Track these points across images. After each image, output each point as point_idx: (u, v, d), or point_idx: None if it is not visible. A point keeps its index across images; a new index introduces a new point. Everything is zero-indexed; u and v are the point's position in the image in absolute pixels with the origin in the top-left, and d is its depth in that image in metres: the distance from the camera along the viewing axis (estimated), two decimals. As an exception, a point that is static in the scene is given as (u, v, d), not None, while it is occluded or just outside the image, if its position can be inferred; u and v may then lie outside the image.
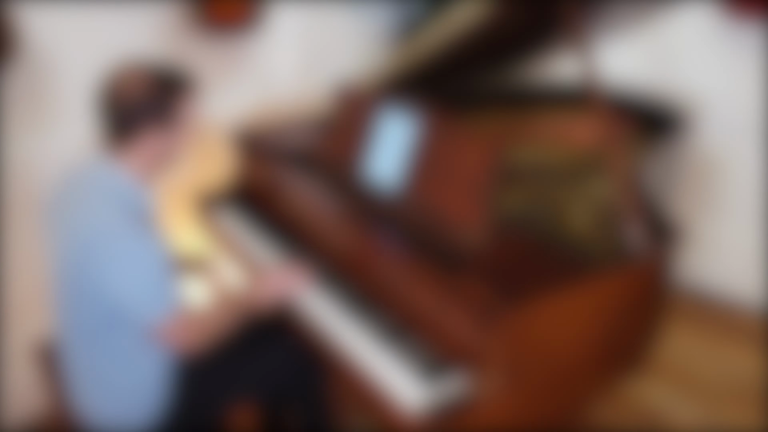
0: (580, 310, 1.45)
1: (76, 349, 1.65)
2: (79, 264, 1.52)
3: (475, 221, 1.62)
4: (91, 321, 1.57)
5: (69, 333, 1.65)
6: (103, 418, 1.66)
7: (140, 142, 1.58)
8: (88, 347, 1.62)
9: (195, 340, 1.62)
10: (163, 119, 1.58)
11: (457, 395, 1.41)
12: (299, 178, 2.13)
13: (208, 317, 1.68)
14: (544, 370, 1.44)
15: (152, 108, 1.56)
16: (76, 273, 1.53)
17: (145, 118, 1.56)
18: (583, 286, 1.42)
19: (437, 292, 1.51)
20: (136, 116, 1.56)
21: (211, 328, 1.66)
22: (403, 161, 1.83)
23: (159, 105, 1.57)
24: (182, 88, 1.62)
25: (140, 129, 1.56)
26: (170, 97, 1.59)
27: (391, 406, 1.48)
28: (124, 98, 1.55)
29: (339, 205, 1.93)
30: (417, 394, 1.44)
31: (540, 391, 1.46)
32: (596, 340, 1.52)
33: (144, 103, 1.55)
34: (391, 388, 1.49)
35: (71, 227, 1.55)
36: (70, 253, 1.55)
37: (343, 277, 1.90)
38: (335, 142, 2.15)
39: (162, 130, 1.59)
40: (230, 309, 1.72)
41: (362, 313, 1.75)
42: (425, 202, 1.77)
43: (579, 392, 1.56)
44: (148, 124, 1.56)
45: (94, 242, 1.51)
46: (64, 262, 1.57)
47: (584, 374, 1.54)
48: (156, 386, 1.66)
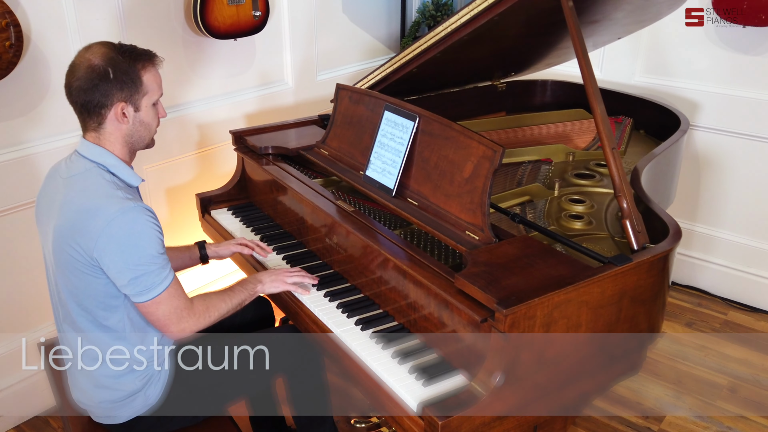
0: (580, 309, 1.43)
1: (72, 336, 1.60)
2: (73, 239, 1.47)
3: (477, 221, 1.61)
4: (87, 303, 1.53)
5: (65, 320, 1.61)
6: (100, 404, 1.63)
7: (111, 118, 1.51)
8: (84, 331, 1.57)
9: (192, 323, 1.58)
10: (127, 87, 1.51)
11: (458, 393, 1.39)
12: (300, 177, 2.11)
13: (208, 299, 1.64)
14: (543, 368, 1.42)
15: (116, 74, 1.48)
16: (71, 247, 1.47)
17: (110, 87, 1.48)
18: (582, 285, 1.40)
19: (438, 291, 1.49)
20: (100, 87, 1.48)
21: (210, 311, 1.63)
22: (406, 162, 1.81)
23: (121, 71, 1.49)
24: (143, 55, 1.55)
25: (107, 101, 1.49)
26: (131, 63, 1.51)
27: (394, 404, 1.47)
28: (87, 68, 1.48)
29: (339, 204, 1.90)
30: (418, 393, 1.43)
31: (540, 389, 1.44)
32: (596, 339, 1.50)
33: (105, 69, 1.48)
34: (393, 387, 1.47)
35: (63, 205, 1.50)
36: (63, 235, 1.49)
37: (344, 276, 1.89)
38: (339, 140, 2.14)
39: (130, 101, 1.52)
40: (231, 293, 1.70)
41: (362, 311, 1.73)
42: (427, 202, 1.75)
43: (578, 389, 1.54)
44: (113, 92, 1.49)
45: (88, 215, 1.45)
46: (58, 248, 1.51)
47: (583, 372, 1.52)
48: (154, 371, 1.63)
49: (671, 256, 1.59)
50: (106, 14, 2.37)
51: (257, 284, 1.77)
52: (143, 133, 1.60)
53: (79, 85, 1.49)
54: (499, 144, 1.59)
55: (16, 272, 2.32)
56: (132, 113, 1.55)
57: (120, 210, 1.45)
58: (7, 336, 2.36)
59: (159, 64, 1.60)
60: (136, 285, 1.48)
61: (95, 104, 1.50)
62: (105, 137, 1.54)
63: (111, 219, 1.44)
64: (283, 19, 3.03)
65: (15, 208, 2.25)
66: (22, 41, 2.04)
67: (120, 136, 1.55)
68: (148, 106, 1.57)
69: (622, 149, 2.47)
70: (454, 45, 2.09)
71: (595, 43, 2.58)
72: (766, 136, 2.92)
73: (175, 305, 1.54)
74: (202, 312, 1.60)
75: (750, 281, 3.14)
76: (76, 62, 1.51)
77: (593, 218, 1.92)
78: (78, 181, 1.51)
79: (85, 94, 1.49)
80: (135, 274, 1.47)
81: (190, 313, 1.57)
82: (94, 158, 1.53)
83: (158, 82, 1.59)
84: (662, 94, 3.08)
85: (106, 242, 1.44)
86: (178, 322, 1.56)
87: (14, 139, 2.22)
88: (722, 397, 2.58)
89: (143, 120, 1.58)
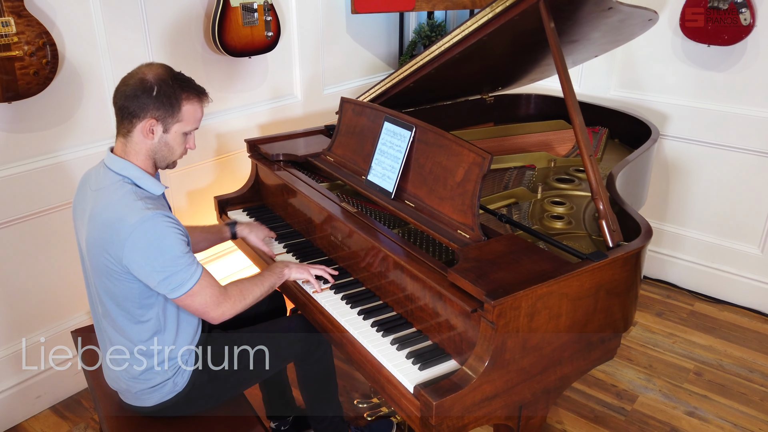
0: (561, 300, 1.43)
1: (109, 331, 1.60)
2: (104, 249, 1.45)
3: (468, 221, 1.60)
4: (125, 304, 1.52)
5: (104, 316, 1.60)
6: (131, 390, 1.63)
7: (139, 130, 1.48)
8: (122, 327, 1.56)
9: (229, 307, 1.56)
10: (164, 107, 1.47)
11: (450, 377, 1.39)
12: (308, 181, 2.10)
13: (242, 284, 1.62)
14: (528, 354, 1.42)
15: (158, 94, 1.46)
16: (103, 255, 1.46)
17: (148, 102, 1.45)
18: (562, 279, 1.40)
19: (433, 284, 1.49)
20: (140, 98, 1.45)
21: (245, 294, 1.60)
22: (404, 168, 1.81)
23: (165, 93, 1.47)
24: (192, 88, 1.53)
25: (141, 113, 1.46)
26: (178, 89, 1.49)
27: (393, 387, 1.47)
28: (139, 80, 1.46)
29: (343, 206, 1.90)
30: (415, 377, 1.43)
31: (525, 373, 1.44)
32: (575, 327, 1.49)
33: (152, 86, 1.45)
34: (392, 371, 1.47)
35: (92, 217, 1.48)
36: (94, 246, 1.48)
37: (348, 271, 1.89)
38: (343, 148, 2.13)
39: (161, 121, 1.49)
40: (262, 278, 1.68)
41: (364, 302, 1.73)
42: (423, 204, 1.75)
43: (559, 373, 1.54)
44: (149, 108, 1.46)
45: (113, 227, 1.43)
46: (92, 256, 1.50)
47: (564, 357, 1.52)
48: (182, 362, 1.62)
49: (643, 252, 1.59)
50: (134, 34, 2.37)
51: (284, 269, 1.76)
52: (166, 154, 1.55)
53: (124, 90, 1.47)
54: (488, 151, 1.58)
55: (52, 266, 2.31)
56: (159, 132, 1.51)
57: (140, 219, 1.41)
58: (46, 324, 2.36)
59: (205, 101, 1.56)
60: (168, 284, 1.46)
61: (130, 112, 1.47)
62: (131, 146, 1.52)
63: (132, 229, 1.41)
64: (292, 39, 3.03)
65: (50, 210, 2.25)
66: (58, 59, 2.03)
67: (144, 148, 1.52)
68: (178, 132, 1.53)
69: (599, 156, 2.47)
70: (447, 62, 2.09)
71: (575, 61, 2.58)
72: (728, 144, 2.92)
73: (210, 293, 1.52)
74: (237, 296, 1.58)
75: (714, 275, 3.14)
76: (133, 72, 1.50)
77: (573, 218, 1.92)
78: (104, 194, 1.48)
79: (125, 99, 1.47)
80: (163, 276, 1.44)
81: (225, 298, 1.55)
82: (120, 171, 1.50)
83: (197, 117, 1.55)
84: (635, 107, 3.08)
85: (131, 250, 1.42)
86: (217, 307, 1.54)
87: (50, 147, 2.22)
88: (689, 380, 2.58)
89: (168, 142, 1.53)
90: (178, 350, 1.61)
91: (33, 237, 2.23)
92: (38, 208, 2.22)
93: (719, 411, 2.41)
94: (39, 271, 2.28)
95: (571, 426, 2.32)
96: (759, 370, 2.64)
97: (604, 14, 1.96)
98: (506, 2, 1.80)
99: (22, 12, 1.91)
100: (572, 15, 1.91)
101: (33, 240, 2.23)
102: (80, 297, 2.42)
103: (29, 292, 2.28)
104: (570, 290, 1.44)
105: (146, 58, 2.41)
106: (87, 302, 2.42)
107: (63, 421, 2.36)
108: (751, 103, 2.81)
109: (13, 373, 2.30)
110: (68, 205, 2.28)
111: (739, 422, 2.35)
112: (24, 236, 2.21)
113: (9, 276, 2.20)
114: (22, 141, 2.14)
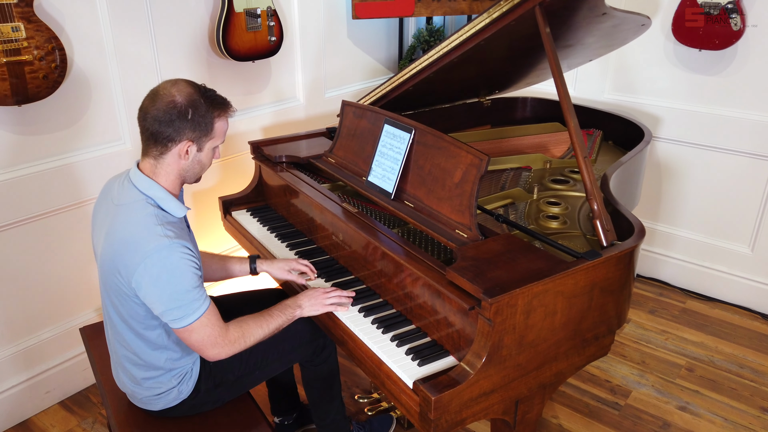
0: (556, 298, 1.42)
1: (116, 339, 1.58)
2: (115, 267, 1.42)
3: (465, 221, 1.60)
4: (130, 321, 1.50)
5: (110, 327, 1.58)
6: (137, 396, 1.62)
7: (174, 153, 1.43)
8: (126, 340, 1.54)
9: (225, 350, 1.49)
10: (199, 129, 1.43)
11: (448, 373, 1.38)
12: (310, 182, 2.10)
13: (245, 325, 1.54)
14: (524, 350, 1.42)
15: (193, 116, 1.41)
16: (114, 274, 1.43)
17: (184, 126, 1.40)
18: (558, 277, 1.40)
19: (431, 283, 1.49)
20: (175, 123, 1.40)
21: (246, 337, 1.52)
22: (403, 169, 1.81)
23: (200, 114, 1.42)
24: (221, 104, 1.48)
25: (178, 137, 1.41)
26: (209, 108, 1.44)
27: (393, 383, 1.47)
28: (169, 102, 1.39)
29: (344, 206, 1.90)
30: (414, 372, 1.43)
31: (521, 369, 1.44)
32: (570, 324, 1.49)
33: (186, 109, 1.40)
34: (392, 367, 1.47)
35: (109, 233, 1.44)
36: (107, 261, 1.44)
37: (349, 269, 1.88)
38: (344, 150, 2.13)
39: (196, 142, 1.45)
40: (270, 318, 1.59)
41: (365, 300, 1.73)
42: (422, 204, 1.75)
43: (555, 369, 1.53)
44: (186, 131, 1.41)
45: (128, 248, 1.38)
46: (105, 270, 1.47)
47: (559, 354, 1.52)
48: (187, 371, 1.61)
49: (636, 251, 1.59)
50: (141, 39, 2.37)
51: (296, 309, 1.65)
52: (197, 170, 1.52)
53: (155, 115, 1.39)
54: (485, 153, 1.58)
55: (61, 265, 2.31)
56: (194, 152, 1.46)
57: (156, 247, 1.36)
58: (56, 321, 2.36)
59: (231, 113, 1.52)
60: (170, 314, 1.40)
61: (165, 137, 1.41)
62: (162, 167, 1.46)
63: (147, 255, 1.36)
64: (295, 44, 3.03)
65: (59, 210, 2.25)
66: (66, 63, 2.03)
67: (176, 168, 1.47)
68: (210, 149, 1.49)
69: (593, 158, 2.47)
70: (445, 66, 2.09)
71: (570, 65, 2.58)
72: (719, 146, 2.92)
73: (208, 333, 1.44)
74: (237, 338, 1.50)
75: (705, 273, 3.13)
76: (160, 93, 1.41)
77: (568, 218, 1.92)
78: (124, 211, 1.43)
79: (159, 125, 1.40)
80: (168, 307, 1.39)
81: (224, 340, 1.47)
82: (144, 190, 1.44)
83: (224, 130, 1.51)
84: (628, 110, 3.08)
85: (141, 276, 1.37)
86: (212, 348, 1.46)
87: (59, 149, 2.22)
88: (681, 376, 2.58)
89: (201, 160, 1.49)
90: (182, 361, 1.59)
91: (43, 236, 2.23)
92: (48, 208, 2.21)
93: (710, 406, 2.41)
94: (48, 270, 2.28)
95: (566, 420, 2.32)
96: (749, 365, 2.64)
97: (598, 20, 1.96)
98: (503, 8, 1.80)
99: (32, 17, 1.91)
100: (567, 20, 1.91)
101: (43, 239, 2.23)
102: (88, 295, 2.42)
103: (39, 289, 2.27)
104: (565, 288, 1.43)
105: (153, 62, 2.41)
106: (95, 300, 2.44)
107: (71, 415, 2.36)
108: (742, 106, 2.81)
109: (24, 369, 2.30)
110: (77, 205, 2.28)
111: (729, 416, 2.35)
112: (34, 236, 2.20)
113: (19, 274, 2.20)
114: (32, 143, 2.14)
